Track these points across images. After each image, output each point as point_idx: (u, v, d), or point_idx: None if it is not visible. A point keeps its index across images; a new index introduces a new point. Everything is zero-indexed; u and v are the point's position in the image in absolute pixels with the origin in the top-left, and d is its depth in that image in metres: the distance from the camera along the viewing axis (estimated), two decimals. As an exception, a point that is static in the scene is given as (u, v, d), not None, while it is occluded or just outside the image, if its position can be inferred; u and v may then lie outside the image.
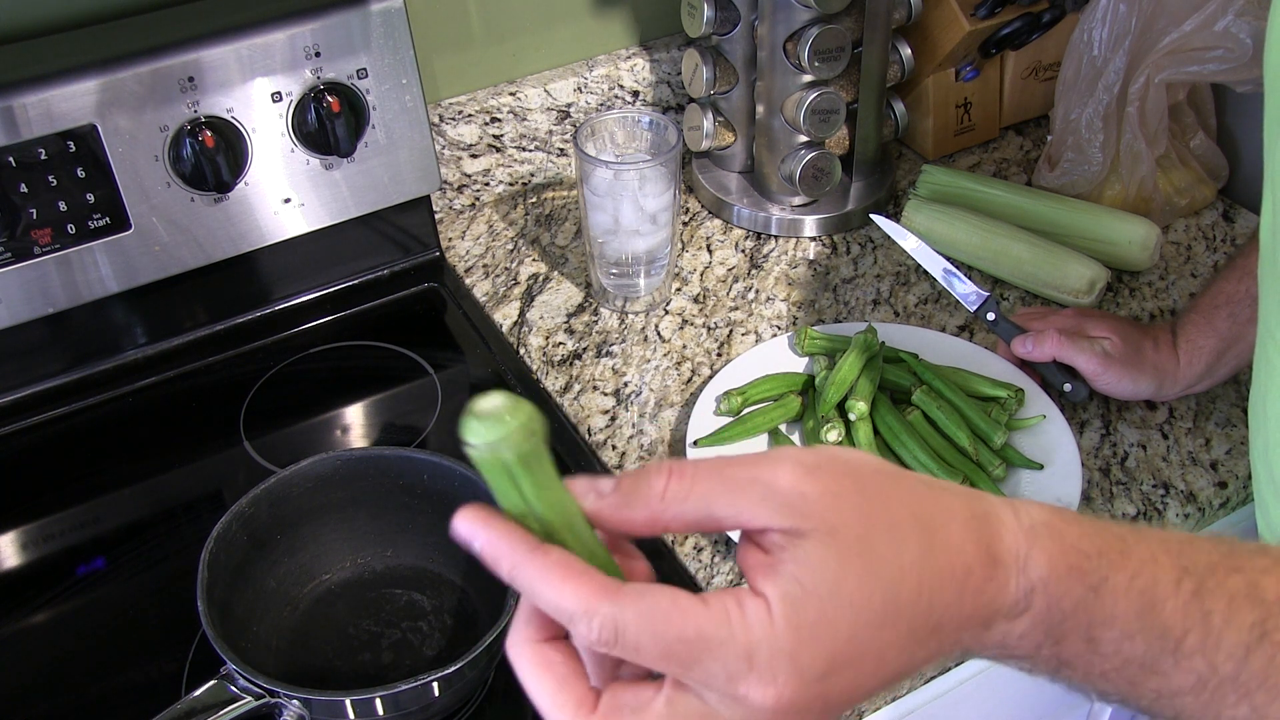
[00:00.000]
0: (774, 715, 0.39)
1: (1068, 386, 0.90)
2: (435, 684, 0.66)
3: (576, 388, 0.97)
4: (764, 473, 0.41)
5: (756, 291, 1.06)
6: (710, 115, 1.13)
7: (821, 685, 0.39)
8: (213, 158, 0.90)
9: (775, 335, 1.00)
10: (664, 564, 0.81)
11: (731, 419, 0.90)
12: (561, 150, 1.20)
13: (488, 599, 0.75)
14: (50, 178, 0.86)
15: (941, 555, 0.41)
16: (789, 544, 0.40)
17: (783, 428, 0.90)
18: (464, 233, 1.15)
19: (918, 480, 0.43)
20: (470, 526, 0.41)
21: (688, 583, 0.80)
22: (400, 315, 1.06)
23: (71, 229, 0.88)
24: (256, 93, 0.91)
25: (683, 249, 1.12)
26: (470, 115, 1.13)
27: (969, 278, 0.95)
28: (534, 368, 0.99)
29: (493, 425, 0.39)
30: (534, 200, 1.19)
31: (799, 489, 0.41)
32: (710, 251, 1.12)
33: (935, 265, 0.95)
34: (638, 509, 0.42)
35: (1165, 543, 0.44)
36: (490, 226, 1.16)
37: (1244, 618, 0.42)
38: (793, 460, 0.41)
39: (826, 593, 0.39)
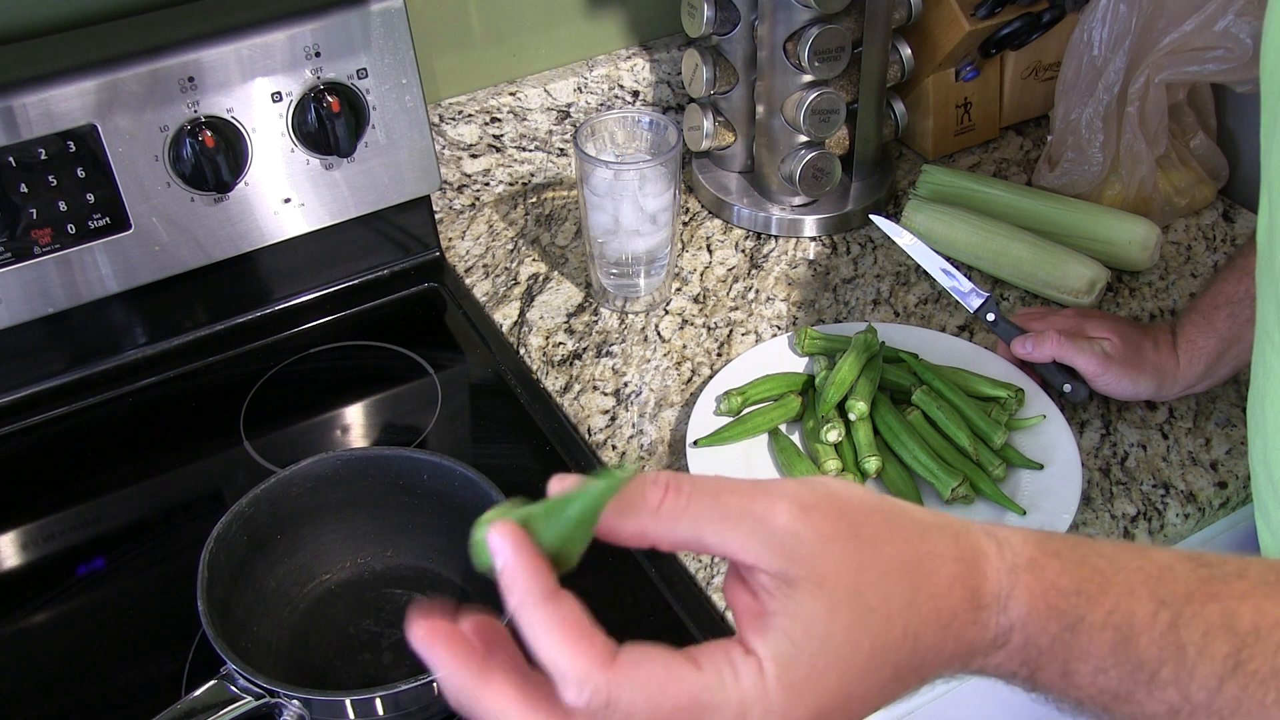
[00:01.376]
0: None
1: (1068, 387, 0.90)
2: (435, 684, 0.66)
3: (576, 388, 0.97)
4: (759, 506, 0.42)
5: (756, 291, 1.06)
6: (710, 115, 1.13)
7: None
8: (213, 158, 0.90)
9: (775, 335, 1.00)
10: (664, 563, 0.81)
11: (731, 419, 0.90)
12: (561, 150, 1.20)
13: (488, 599, 0.74)
14: (50, 178, 0.86)
15: (928, 603, 0.42)
16: (779, 593, 0.41)
17: (783, 428, 0.90)
18: (464, 233, 1.15)
19: (909, 522, 0.44)
20: (502, 542, 0.42)
21: (687, 582, 0.80)
22: (400, 315, 1.06)
23: (71, 229, 0.88)
24: (256, 93, 0.91)
25: (683, 249, 1.12)
26: (470, 115, 1.13)
27: (969, 278, 0.95)
28: (534, 368, 0.99)
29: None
30: (534, 200, 1.19)
31: (793, 529, 0.41)
32: (710, 251, 1.12)
33: (934, 265, 0.95)
34: (627, 520, 0.42)
35: (1144, 572, 0.44)
36: (490, 226, 1.16)
37: (1218, 649, 0.42)
38: (789, 498, 0.42)
39: (817, 648, 0.40)
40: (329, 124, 0.94)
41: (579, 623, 0.40)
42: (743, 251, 1.12)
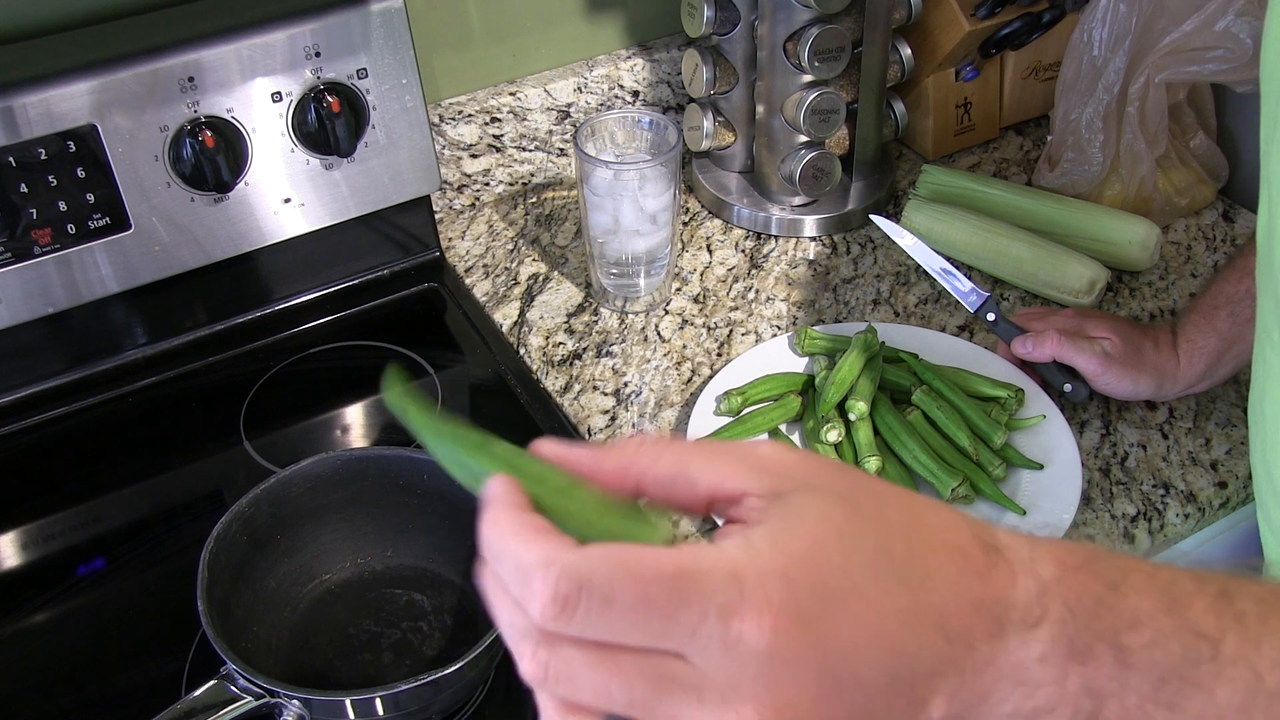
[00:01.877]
0: (771, 663, 0.34)
1: (1068, 387, 0.90)
2: (435, 684, 0.66)
3: (576, 388, 0.97)
4: (744, 446, 0.40)
5: (756, 291, 1.06)
6: (710, 115, 1.13)
7: (818, 628, 0.34)
8: (213, 158, 0.90)
9: (775, 335, 1.00)
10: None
11: (731, 419, 0.90)
12: (561, 150, 1.20)
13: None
14: (50, 178, 0.86)
15: (932, 528, 0.37)
16: (770, 504, 0.37)
17: (783, 428, 0.90)
18: (464, 233, 1.15)
19: (899, 487, 0.40)
20: (495, 482, 0.39)
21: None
22: (400, 315, 1.06)
23: (71, 229, 0.88)
24: (256, 93, 0.91)
25: (683, 249, 1.12)
26: (470, 115, 1.13)
27: (969, 278, 0.95)
28: (534, 368, 0.99)
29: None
30: (534, 200, 1.19)
31: (778, 457, 0.38)
32: (710, 251, 1.12)
33: (934, 265, 0.95)
34: (608, 460, 0.39)
35: (1164, 566, 0.39)
36: (490, 226, 1.16)
37: (1276, 621, 0.37)
38: (770, 444, 0.40)
39: (814, 524, 0.36)
40: (329, 124, 0.94)
41: (549, 527, 0.37)
42: (743, 251, 1.12)
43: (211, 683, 0.66)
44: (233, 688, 0.66)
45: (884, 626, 0.35)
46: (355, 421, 0.97)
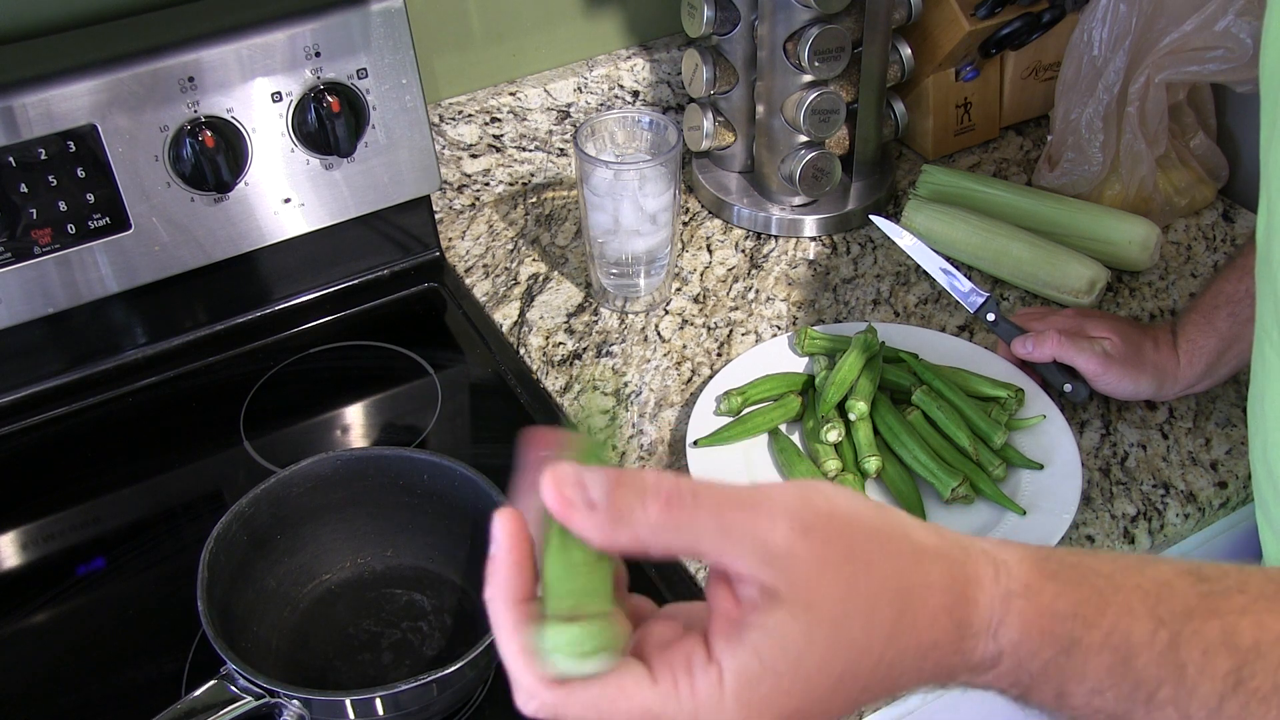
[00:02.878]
0: None
1: (1068, 387, 0.90)
2: (435, 684, 0.66)
3: (576, 388, 0.97)
4: (761, 525, 0.41)
5: (756, 291, 1.06)
6: (710, 115, 1.13)
7: None
8: (213, 158, 0.90)
9: (775, 335, 1.00)
10: (664, 563, 0.81)
11: (731, 419, 0.90)
12: (561, 150, 1.20)
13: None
14: (50, 178, 0.86)
15: (909, 635, 0.42)
16: (762, 605, 0.40)
17: (783, 428, 0.90)
18: (464, 233, 1.15)
19: (907, 547, 0.43)
20: (500, 531, 0.43)
21: (687, 582, 0.80)
22: (400, 315, 1.06)
23: (71, 229, 0.88)
24: (256, 93, 0.91)
25: (683, 249, 1.12)
26: (470, 115, 1.13)
27: (969, 278, 0.95)
28: (534, 368, 0.99)
29: None
30: (534, 200, 1.19)
31: (790, 549, 0.41)
32: (710, 251, 1.12)
33: (932, 264, 0.95)
34: (622, 534, 0.41)
35: (1142, 590, 0.43)
36: (490, 226, 1.16)
37: (1218, 666, 0.42)
38: (790, 517, 0.41)
39: (784, 670, 0.40)
40: (329, 124, 0.94)
41: (533, 649, 0.41)
42: (743, 251, 1.12)
43: (211, 683, 0.66)
44: (233, 688, 0.66)
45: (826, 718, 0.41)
46: (355, 421, 0.97)
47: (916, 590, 0.42)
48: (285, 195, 0.97)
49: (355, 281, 1.08)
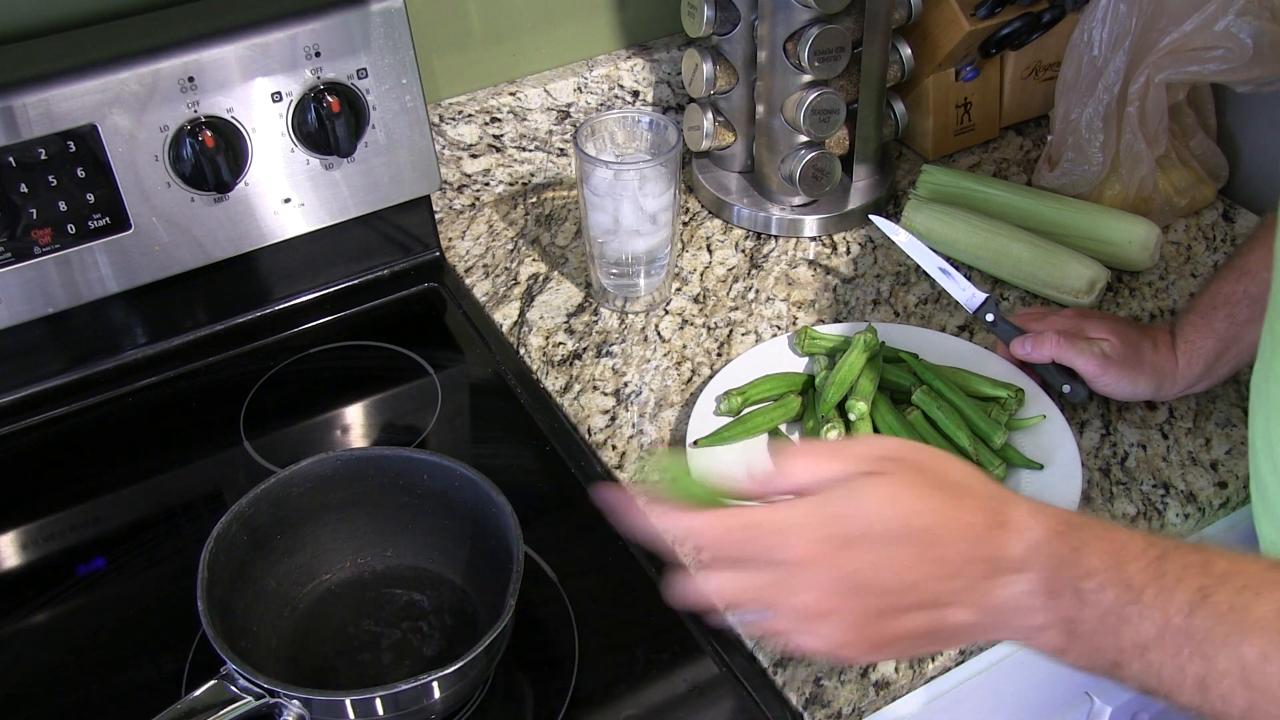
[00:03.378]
0: (806, 570, 0.54)
1: (1067, 388, 0.90)
2: (435, 684, 0.66)
3: (576, 388, 0.97)
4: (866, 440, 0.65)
5: (756, 291, 1.06)
6: (710, 115, 1.13)
7: (841, 550, 0.54)
8: (213, 158, 0.90)
9: (775, 335, 1.00)
10: (664, 564, 0.81)
11: (731, 419, 0.90)
12: (561, 150, 1.20)
13: (488, 599, 0.75)
14: (50, 178, 0.86)
15: (961, 507, 0.55)
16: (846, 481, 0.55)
17: (783, 428, 0.90)
18: (464, 233, 1.15)
19: (965, 476, 0.57)
20: (675, 518, 0.57)
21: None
22: (400, 315, 1.06)
23: (71, 229, 0.88)
24: (256, 93, 0.91)
25: (683, 249, 1.12)
26: (470, 115, 1.13)
27: (969, 278, 0.95)
28: (534, 368, 0.99)
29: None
30: (534, 200, 1.19)
31: (896, 448, 0.57)
32: (710, 251, 1.12)
33: (933, 265, 0.95)
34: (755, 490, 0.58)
35: (1143, 533, 0.54)
36: (490, 226, 1.16)
37: (1191, 582, 0.51)
38: (892, 441, 0.61)
39: (859, 499, 0.54)
40: (329, 124, 0.94)
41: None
42: (743, 251, 1.12)
43: (211, 683, 0.66)
44: (233, 688, 0.66)
45: (892, 564, 0.54)
46: (355, 421, 0.97)
47: (964, 492, 0.56)
48: (285, 195, 0.97)
49: (355, 281, 1.08)
